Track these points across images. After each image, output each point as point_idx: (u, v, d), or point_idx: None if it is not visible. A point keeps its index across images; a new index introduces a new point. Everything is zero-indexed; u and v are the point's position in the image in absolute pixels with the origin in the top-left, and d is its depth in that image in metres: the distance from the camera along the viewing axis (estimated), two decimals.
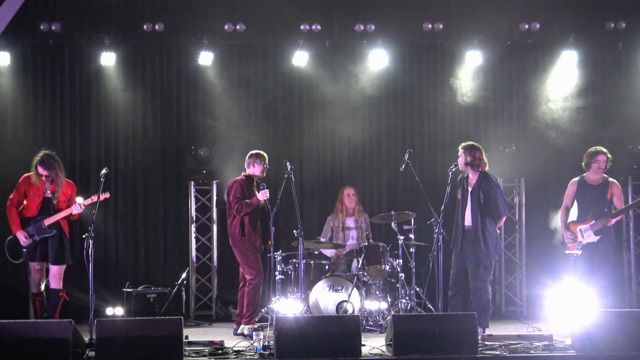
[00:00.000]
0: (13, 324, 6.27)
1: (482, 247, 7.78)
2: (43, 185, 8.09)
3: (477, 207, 7.84)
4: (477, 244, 7.79)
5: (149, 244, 10.28)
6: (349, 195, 9.57)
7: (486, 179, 7.89)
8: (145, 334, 6.26)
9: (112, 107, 10.18)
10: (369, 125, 10.52)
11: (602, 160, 8.22)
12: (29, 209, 8.04)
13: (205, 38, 9.99)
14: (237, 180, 8.28)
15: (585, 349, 6.49)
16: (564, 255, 9.90)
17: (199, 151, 9.97)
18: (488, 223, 7.85)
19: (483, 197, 7.82)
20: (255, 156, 8.33)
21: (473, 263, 7.81)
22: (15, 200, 8.06)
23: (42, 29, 9.81)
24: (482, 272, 7.77)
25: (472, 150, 7.92)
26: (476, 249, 7.79)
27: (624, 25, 10.18)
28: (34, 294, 8.18)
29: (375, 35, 10.16)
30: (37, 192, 8.05)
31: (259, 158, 8.31)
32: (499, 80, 10.57)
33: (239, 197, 8.14)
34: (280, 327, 6.41)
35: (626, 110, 10.44)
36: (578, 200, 8.31)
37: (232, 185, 8.23)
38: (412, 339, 6.43)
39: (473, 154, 7.90)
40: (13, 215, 8.02)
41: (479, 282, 7.76)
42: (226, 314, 9.92)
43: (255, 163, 8.30)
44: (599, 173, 8.26)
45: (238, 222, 8.15)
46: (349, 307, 8.43)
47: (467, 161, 7.91)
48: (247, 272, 8.14)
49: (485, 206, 7.84)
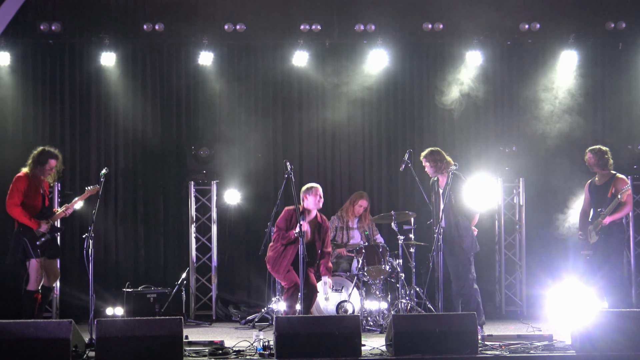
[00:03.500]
0: (13, 324, 6.27)
1: (458, 246, 7.92)
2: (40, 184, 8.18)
3: (449, 207, 7.92)
4: (453, 243, 7.93)
5: (149, 244, 10.28)
6: (361, 207, 9.51)
7: (455, 178, 7.98)
8: (145, 334, 6.26)
9: (112, 107, 10.18)
10: (369, 125, 10.53)
11: (588, 158, 8.33)
12: (34, 209, 8.10)
13: (205, 38, 9.99)
14: (287, 209, 8.20)
15: (585, 349, 6.49)
16: (564, 255, 9.96)
17: (199, 151, 9.97)
18: (462, 222, 7.98)
19: (454, 197, 7.93)
20: (306, 190, 8.24)
21: (453, 263, 7.96)
22: (18, 200, 8.05)
23: (42, 29, 9.81)
24: (461, 270, 7.92)
25: (432, 156, 8.13)
26: (453, 248, 7.93)
27: (624, 25, 10.19)
28: (36, 291, 8.20)
29: (375, 35, 10.16)
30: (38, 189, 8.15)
31: (310, 191, 8.21)
32: (499, 81, 10.57)
33: (281, 226, 8.11)
34: (280, 327, 6.41)
35: (626, 110, 10.45)
36: (591, 201, 8.36)
37: (283, 214, 8.20)
38: (412, 339, 6.43)
39: (434, 158, 8.10)
40: (22, 212, 8.02)
41: (461, 280, 7.91)
42: (226, 314, 9.92)
43: (307, 195, 8.21)
44: (596, 171, 8.29)
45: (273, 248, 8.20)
46: (349, 307, 8.43)
47: (433, 167, 8.12)
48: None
49: (457, 205, 7.94)
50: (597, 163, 8.26)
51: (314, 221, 8.26)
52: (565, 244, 9.95)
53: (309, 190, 8.23)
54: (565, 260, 9.89)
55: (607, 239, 8.11)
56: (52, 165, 8.20)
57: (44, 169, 8.18)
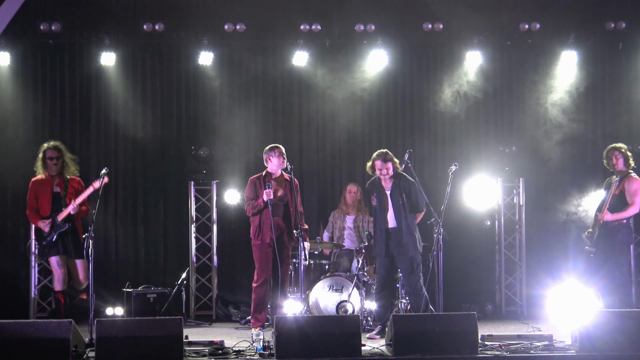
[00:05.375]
0: (13, 324, 6.27)
1: (411, 244, 7.97)
2: (50, 180, 8.29)
3: (399, 206, 7.97)
4: (405, 242, 7.96)
5: (149, 244, 10.27)
6: (350, 192, 9.58)
7: (402, 178, 8.07)
8: (145, 334, 6.26)
9: (112, 107, 10.18)
10: (369, 125, 10.52)
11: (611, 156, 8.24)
12: (42, 208, 8.27)
13: (205, 38, 9.99)
14: (251, 179, 8.16)
15: (585, 349, 6.49)
16: (564, 255, 9.96)
17: (199, 151, 9.97)
18: (411, 220, 8.04)
19: (405, 196, 7.98)
20: (268, 150, 8.10)
21: (406, 262, 7.98)
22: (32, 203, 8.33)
23: (42, 29, 9.81)
24: (416, 268, 7.97)
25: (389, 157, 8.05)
26: (407, 247, 7.97)
27: (624, 25, 10.18)
28: (59, 292, 8.24)
29: (375, 35, 10.16)
30: (45, 188, 8.29)
31: (273, 150, 8.06)
32: (498, 81, 10.56)
33: (249, 196, 8.07)
34: (280, 327, 6.41)
35: (626, 110, 10.45)
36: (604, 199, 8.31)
37: (248, 185, 8.15)
38: (412, 339, 6.43)
39: (392, 159, 8.05)
40: (31, 216, 8.38)
41: (414, 278, 7.96)
42: (226, 314, 9.92)
43: (271, 156, 8.06)
44: (612, 170, 8.26)
45: (252, 222, 8.09)
46: (349, 307, 8.43)
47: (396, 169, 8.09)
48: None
49: (408, 204, 8.00)
50: (611, 162, 8.22)
51: (281, 180, 8.12)
52: (566, 244, 9.96)
53: (273, 150, 8.05)
54: (565, 260, 9.89)
55: (612, 239, 8.08)
56: (50, 156, 8.31)
57: (46, 165, 8.33)
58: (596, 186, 9.35)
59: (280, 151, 8.05)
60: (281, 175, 8.15)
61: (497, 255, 10.26)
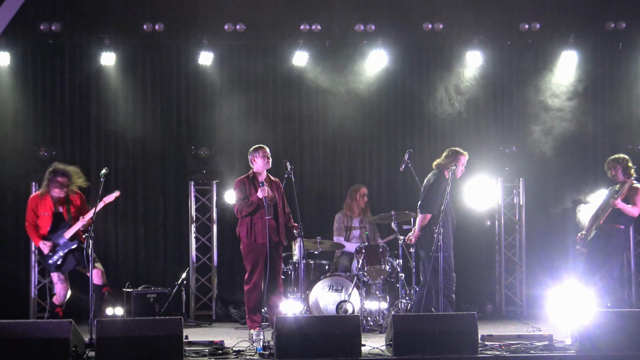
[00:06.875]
0: (13, 324, 6.26)
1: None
2: (51, 203, 8.19)
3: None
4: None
5: (149, 244, 10.27)
6: (364, 197, 9.55)
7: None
8: (145, 334, 6.25)
9: (112, 107, 10.18)
10: (369, 125, 10.53)
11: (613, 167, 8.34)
12: (42, 228, 8.20)
13: (205, 38, 9.99)
14: (238, 180, 8.10)
15: (585, 349, 6.49)
16: (564, 255, 9.96)
17: (199, 151, 9.97)
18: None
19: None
20: (253, 150, 8.05)
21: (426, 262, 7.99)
22: (31, 219, 8.23)
23: (42, 29, 9.81)
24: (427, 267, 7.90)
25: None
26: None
27: (624, 25, 10.19)
28: (58, 305, 8.24)
29: (375, 35, 10.16)
30: (45, 211, 8.19)
31: (257, 151, 8.00)
32: (499, 80, 10.56)
33: (240, 197, 8.02)
34: (280, 327, 6.41)
35: (626, 110, 10.45)
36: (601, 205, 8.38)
37: (235, 186, 8.10)
38: (412, 339, 6.42)
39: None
40: (31, 231, 8.26)
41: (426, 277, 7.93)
42: (226, 313, 9.92)
43: (255, 157, 8.02)
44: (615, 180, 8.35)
45: (242, 223, 8.03)
46: (349, 307, 8.43)
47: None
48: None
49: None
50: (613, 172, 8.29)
51: (268, 181, 8.07)
52: (566, 244, 9.96)
53: (257, 150, 7.99)
54: (565, 260, 9.90)
55: (607, 242, 8.12)
56: (60, 182, 8.14)
57: (54, 187, 8.16)
58: (596, 186, 9.36)
59: (265, 152, 8.00)
60: (267, 176, 8.12)
61: (497, 255, 10.27)
